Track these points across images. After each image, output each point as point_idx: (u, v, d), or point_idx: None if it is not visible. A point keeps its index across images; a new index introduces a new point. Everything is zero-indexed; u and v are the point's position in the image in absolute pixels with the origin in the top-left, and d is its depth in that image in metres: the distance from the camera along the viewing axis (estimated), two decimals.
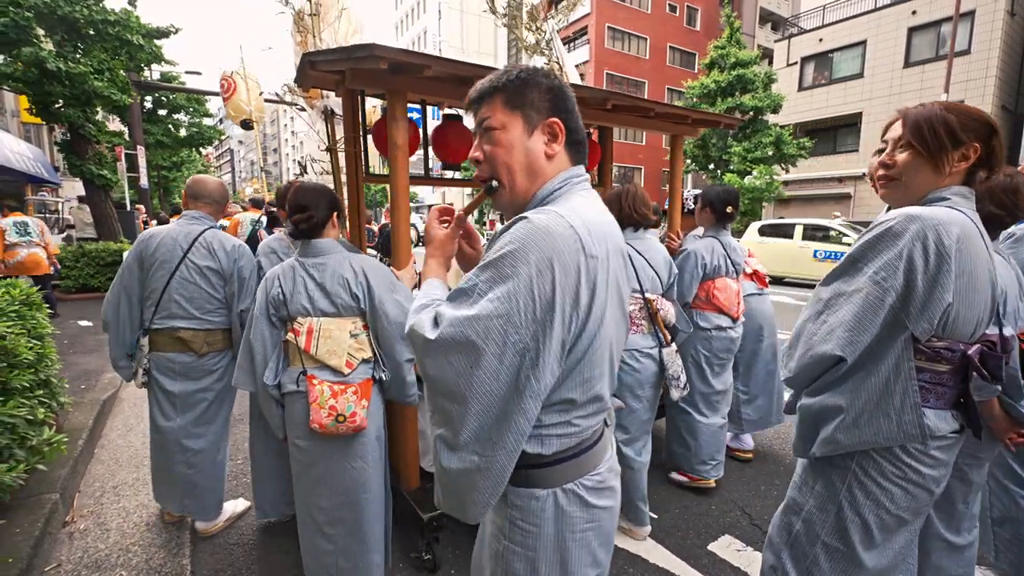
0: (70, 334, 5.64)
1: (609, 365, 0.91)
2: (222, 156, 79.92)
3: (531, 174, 0.91)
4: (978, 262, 1.04)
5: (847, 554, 1.16)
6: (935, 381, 1.09)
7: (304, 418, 1.59)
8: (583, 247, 0.80)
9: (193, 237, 2.13)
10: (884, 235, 1.05)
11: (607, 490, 0.94)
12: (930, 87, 16.88)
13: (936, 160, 1.08)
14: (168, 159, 19.32)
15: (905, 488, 1.10)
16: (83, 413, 3.20)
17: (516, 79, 0.89)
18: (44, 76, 7.07)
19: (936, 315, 1.02)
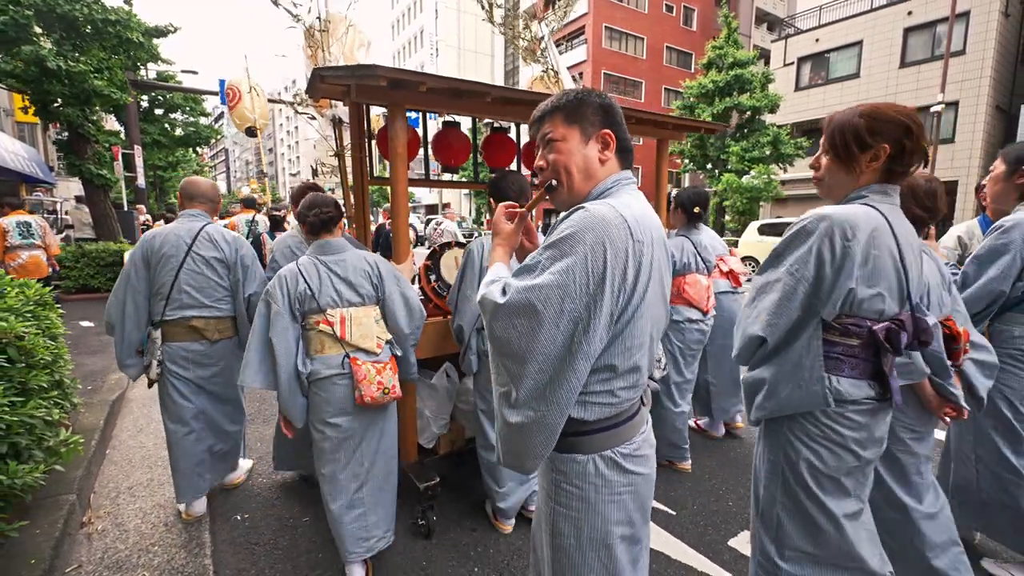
0: (73, 335, 5.59)
1: (649, 340, 1.03)
2: (217, 156, 79.48)
3: (587, 176, 1.06)
4: (883, 252, 1.19)
5: (802, 512, 1.29)
6: (848, 353, 1.24)
7: (347, 396, 1.79)
8: (631, 232, 0.94)
9: (195, 232, 2.26)
10: (799, 233, 1.23)
11: (642, 458, 1.06)
12: (926, 87, 17.00)
13: (847, 164, 1.23)
14: (164, 159, 19.17)
15: (829, 448, 1.25)
16: (93, 414, 3.17)
17: (573, 99, 1.05)
18: (44, 74, 7.01)
19: (839, 299, 1.19)
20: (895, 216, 1.23)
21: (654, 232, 1.00)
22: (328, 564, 1.99)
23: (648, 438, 1.10)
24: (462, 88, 2.03)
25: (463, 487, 2.53)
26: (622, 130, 1.07)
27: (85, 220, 9.67)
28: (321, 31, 2.85)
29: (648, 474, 1.08)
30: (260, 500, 2.45)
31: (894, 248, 1.20)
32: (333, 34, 2.91)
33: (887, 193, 1.23)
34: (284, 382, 1.76)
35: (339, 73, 1.93)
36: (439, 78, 1.96)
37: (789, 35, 21.05)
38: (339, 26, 2.93)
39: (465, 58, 38.46)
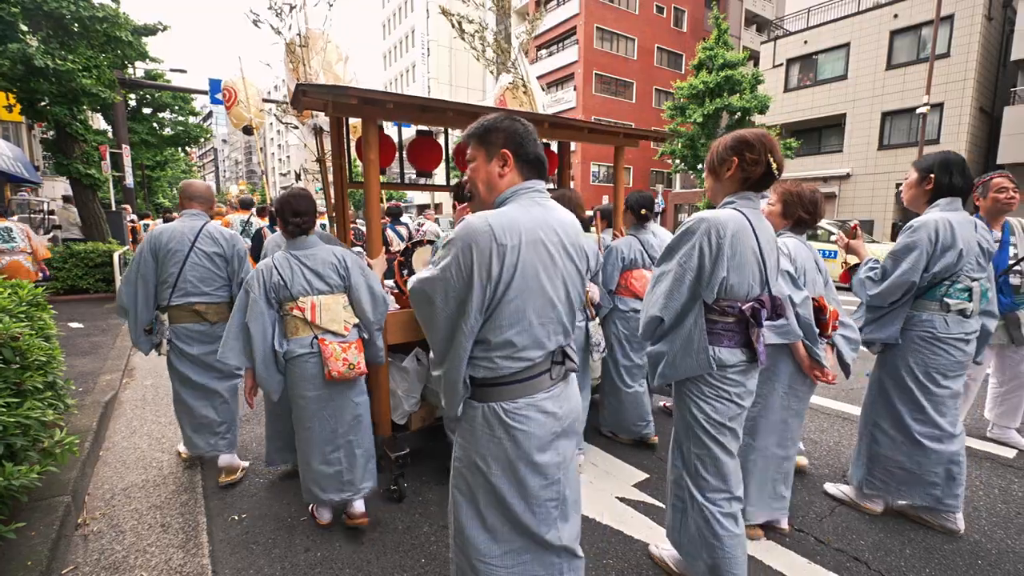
0: (61, 337, 5.49)
1: (528, 323, 1.24)
2: (205, 155, 78.57)
3: (489, 188, 1.33)
4: (746, 248, 1.50)
5: (707, 451, 1.64)
6: (727, 328, 1.57)
7: (318, 372, 2.06)
8: (495, 237, 1.17)
9: (198, 229, 2.62)
10: (686, 231, 1.55)
11: (523, 417, 1.27)
12: (912, 88, 17.27)
13: (716, 176, 1.62)
14: (152, 158, 18.93)
15: (719, 400, 1.59)
16: (86, 416, 3.15)
17: (481, 126, 1.32)
18: (30, 73, 6.91)
19: (716, 285, 1.50)
20: (756, 217, 1.55)
21: (524, 235, 1.21)
22: (328, 563, 2.00)
23: (541, 406, 1.29)
24: (425, 104, 2.36)
25: (432, 458, 2.83)
26: (523, 148, 1.29)
27: (73, 220, 9.55)
28: (301, 46, 3.10)
29: (531, 431, 1.27)
30: (257, 500, 2.45)
31: (754, 243, 1.52)
32: (313, 48, 3.16)
33: (749, 199, 1.57)
34: (259, 360, 2.05)
35: (319, 91, 2.19)
36: (404, 96, 2.29)
37: (778, 37, 21.27)
38: (318, 41, 3.18)
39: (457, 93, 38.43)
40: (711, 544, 1.64)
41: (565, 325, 1.32)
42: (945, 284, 2.10)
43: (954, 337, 2.10)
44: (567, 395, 1.36)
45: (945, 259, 2.04)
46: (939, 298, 2.11)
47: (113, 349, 5.03)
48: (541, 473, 1.30)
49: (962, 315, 2.09)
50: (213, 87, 13.10)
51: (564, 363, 1.35)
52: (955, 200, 2.11)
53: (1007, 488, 2.54)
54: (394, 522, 2.26)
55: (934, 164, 2.11)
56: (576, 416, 1.40)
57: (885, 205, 18.41)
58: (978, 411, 3.32)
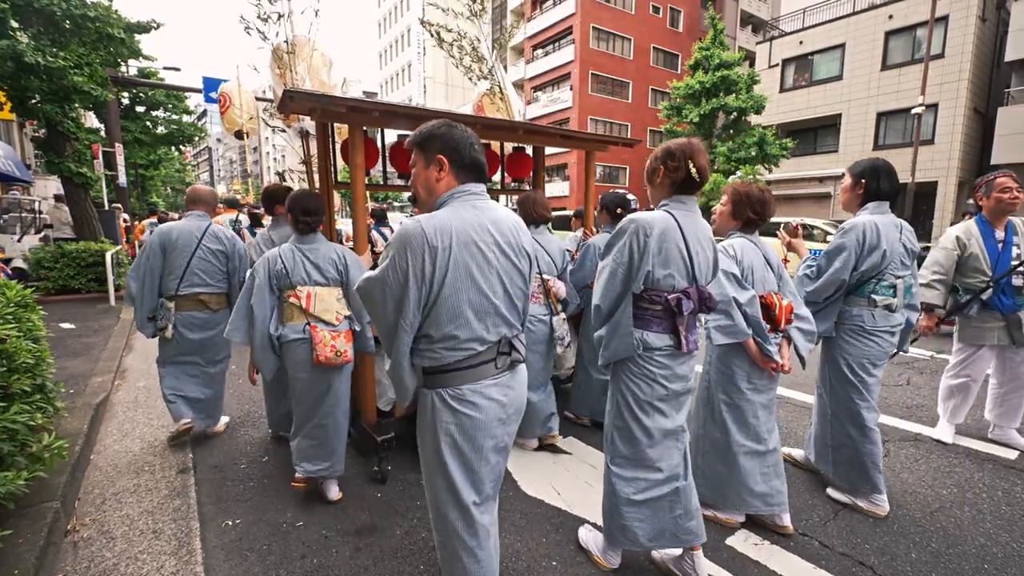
0: (52, 337, 5.38)
1: (465, 318, 1.34)
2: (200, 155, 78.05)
3: (428, 192, 1.42)
4: (671, 245, 1.67)
5: (626, 428, 1.78)
6: (654, 315, 1.73)
7: (307, 357, 2.25)
8: (427, 239, 1.28)
9: (203, 229, 2.99)
10: (619, 231, 1.72)
11: (467, 402, 1.38)
12: (907, 89, 17.34)
13: (651, 182, 1.81)
14: (146, 157, 18.77)
15: (644, 380, 1.75)
16: (77, 418, 3.09)
17: (420, 134, 1.41)
18: (20, 70, 6.80)
19: (642, 277, 1.67)
20: (686, 219, 1.72)
21: (456, 237, 1.30)
22: (324, 571, 1.96)
23: (485, 392, 1.40)
24: (407, 113, 2.52)
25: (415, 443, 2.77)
26: (459, 153, 1.38)
27: (64, 219, 9.43)
28: (288, 53, 3.22)
29: (475, 416, 1.39)
30: (251, 505, 2.40)
31: (680, 242, 1.68)
32: (299, 55, 3.28)
33: (682, 202, 1.75)
34: (258, 340, 2.25)
35: (306, 99, 2.32)
36: (388, 105, 2.44)
37: (774, 37, 21.33)
38: (304, 48, 3.31)
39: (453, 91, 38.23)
40: (612, 505, 1.84)
41: (506, 318, 1.42)
42: (872, 282, 2.27)
43: (880, 329, 2.29)
44: (512, 384, 1.47)
45: (871, 259, 2.23)
46: (867, 294, 2.29)
47: (105, 350, 4.95)
48: (485, 456, 1.44)
49: (887, 310, 2.29)
50: (207, 86, 13.00)
51: (510, 354, 1.46)
52: (883, 204, 2.30)
53: (1010, 490, 2.53)
54: (391, 528, 2.22)
55: (865, 170, 2.29)
56: (520, 405, 1.52)
57: None
58: (978, 412, 3.31)
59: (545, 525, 2.24)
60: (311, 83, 3.31)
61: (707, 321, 2.02)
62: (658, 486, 1.78)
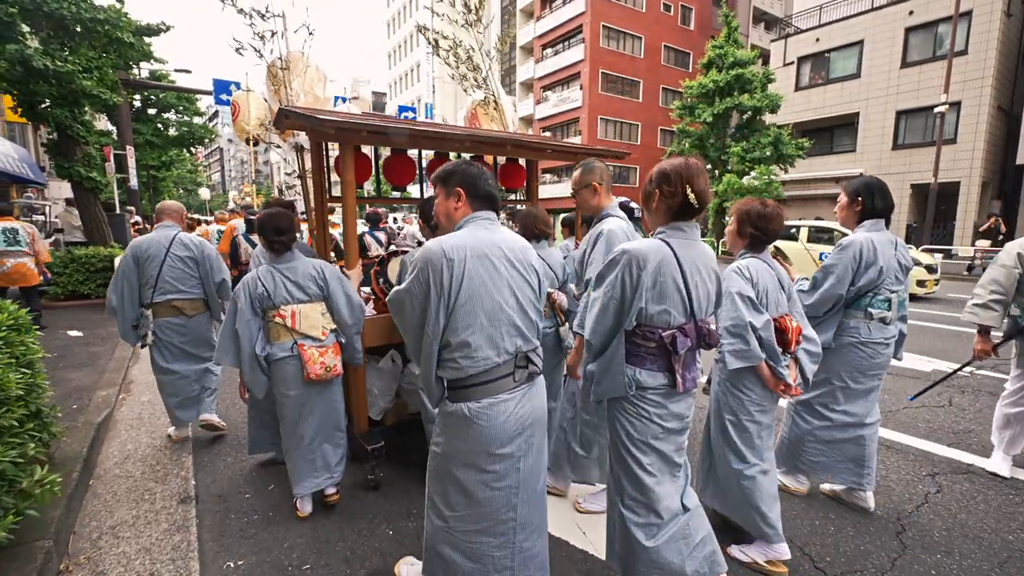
0: (59, 346, 5.37)
1: (480, 323, 1.45)
2: (211, 155, 78.76)
3: (449, 220, 1.61)
4: (667, 279, 1.57)
5: (628, 469, 1.67)
6: (648, 352, 1.63)
7: (298, 374, 2.31)
8: (445, 254, 1.43)
9: (171, 238, 3.14)
10: (611, 262, 1.64)
11: (487, 415, 1.47)
12: (927, 87, 16.91)
13: (648, 207, 1.71)
14: (158, 159, 18.81)
15: (640, 419, 1.65)
16: (76, 440, 2.96)
17: (443, 171, 1.61)
18: (29, 74, 6.76)
19: (635, 313, 1.59)
20: (684, 248, 1.61)
21: (469, 251, 1.45)
22: None
23: (503, 406, 1.48)
24: (397, 130, 2.54)
25: (405, 451, 2.98)
26: (475, 187, 1.57)
27: (75, 223, 9.42)
28: (283, 69, 3.27)
29: (492, 428, 1.47)
30: (255, 543, 2.24)
31: (677, 275, 1.58)
32: (294, 71, 3.32)
33: (681, 229, 1.64)
34: (246, 361, 2.29)
35: (299, 118, 2.41)
36: (375, 124, 2.46)
37: (789, 35, 20.92)
38: (298, 64, 3.35)
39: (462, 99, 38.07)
40: (628, 550, 1.71)
41: (520, 328, 1.52)
42: (868, 296, 2.34)
43: (876, 341, 2.36)
44: (530, 396, 1.55)
45: (868, 274, 2.30)
46: (863, 308, 2.36)
47: (111, 360, 4.85)
48: (500, 465, 1.50)
49: (883, 322, 2.36)
50: (217, 87, 12.98)
51: (527, 367, 1.54)
52: (879, 221, 2.37)
53: None
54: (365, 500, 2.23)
55: (860, 188, 2.36)
56: (540, 416, 1.59)
57: (899, 206, 18.02)
58: None
59: (570, 570, 2.06)
60: (305, 99, 3.35)
61: (721, 345, 1.96)
62: (673, 521, 1.68)
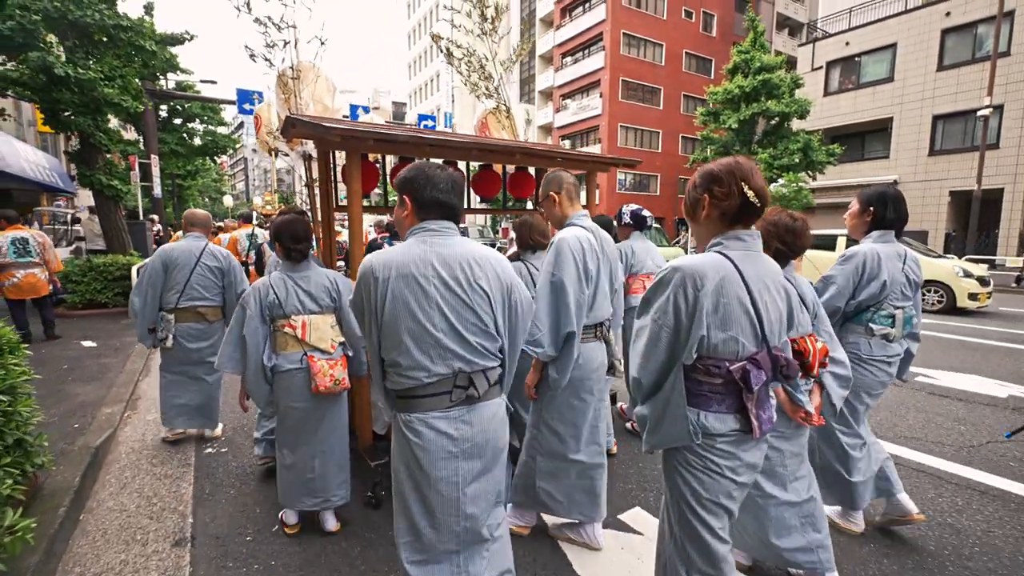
0: (71, 357, 5.23)
1: (404, 346, 1.41)
2: (236, 164, 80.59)
3: (400, 228, 1.57)
4: (731, 299, 1.29)
5: (697, 536, 1.38)
6: (714, 391, 1.34)
7: (304, 386, 2.22)
8: (373, 271, 1.43)
9: (201, 249, 3.32)
10: (659, 283, 1.36)
11: (415, 431, 1.43)
12: (966, 90, 16.20)
13: (694, 217, 1.44)
14: (183, 168, 19.09)
15: (708, 475, 1.36)
16: (70, 467, 2.73)
17: (397, 180, 1.53)
18: (52, 82, 6.74)
19: (695, 344, 1.30)
20: (747, 262, 1.34)
21: (395, 270, 1.40)
22: None
23: (432, 424, 1.42)
24: (403, 138, 2.51)
25: None
26: (420, 193, 1.47)
27: (97, 231, 9.43)
28: (293, 79, 3.30)
29: (423, 444, 1.42)
30: None
31: (743, 294, 1.31)
32: (304, 80, 3.35)
33: (741, 239, 1.36)
34: (251, 369, 2.21)
35: (306, 127, 2.40)
36: (382, 132, 2.45)
37: (817, 39, 20.35)
38: (308, 74, 3.39)
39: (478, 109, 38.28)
40: None
41: (455, 351, 1.42)
42: (870, 311, 2.23)
43: (876, 359, 2.24)
44: (469, 419, 1.45)
45: (870, 288, 2.19)
46: (864, 323, 2.25)
47: (121, 374, 4.67)
48: (436, 488, 1.43)
49: (885, 339, 2.23)
50: (240, 97, 13.05)
51: (467, 389, 1.44)
52: (888, 233, 2.26)
53: None
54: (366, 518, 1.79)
55: (874, 197, 2.25)
56: (482, 441, 1.46)
57: (937, 214, 17.25)
58: None
59: None
60: (314, 108, 3.36)
61: None
62: None
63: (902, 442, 3.34)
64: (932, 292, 8.53)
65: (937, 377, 4.82)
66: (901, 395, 4.30)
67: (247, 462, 3.08)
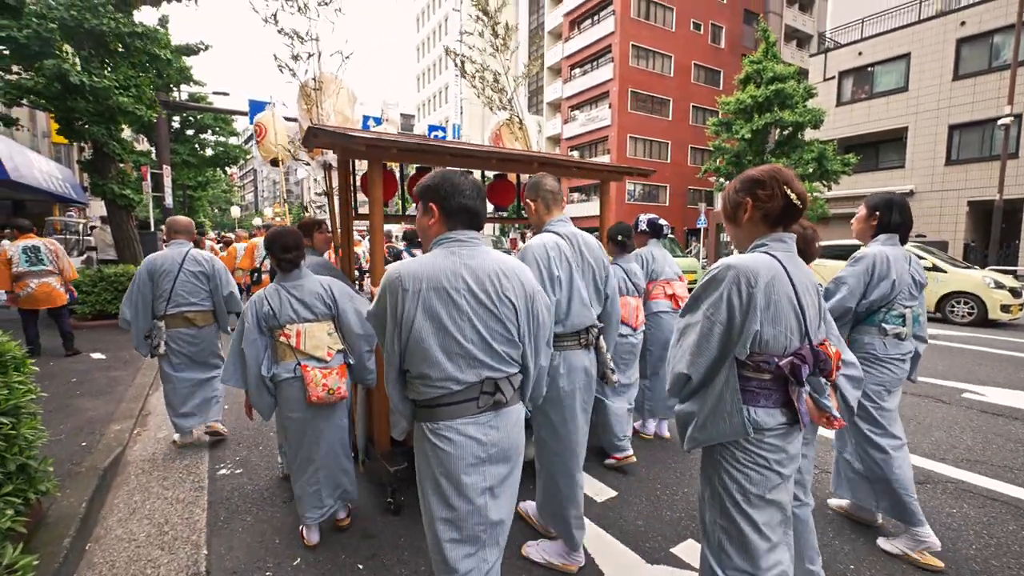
0: (80, 370, 5.09)
1: (435, 359, 1.39)
2: (246, 176, 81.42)
3: (424, 236, 1.56)
4: (781, 297, 1.35)
5: (739, 532, 1.40)
6: (762, 386, 1.38)
7: (300, 396, 2.20)
8: (402, 282, 1.39)
9: (183, 254, 3.34)
10: (712, 280, 1.40)
11: (445, 439, 1.42)
12: (983, 99, 15.99)
13: (733, 220, 1.49)
14: (194, 178, 19.16)
15: (755, 468, 1.39)
16: (76, 491, 2.55)
17: (421, 185, 1.53)
18: (67, 91, 6.70)
19: (749, 339, 1.35)
20: (791, 262, 1.40)
21: (426, 281, 1.38)
22: None
23: (462, 430, 1.42)
24: (425, 148, 2.50)
25: None
26: (447, 201, 1.46)
27: (109, 242, 9.37)
28: (315, 90, 3.35)
29: (452, 452, 1.41)
30: None
31: (791, 292, 1.37)
32: (325, 92, 3.40)
33: (783, 240, 1.42)
34: (252, 381, 2.22)
35: (329, 136, 2.42)
36: (405, 142, 2.45)
37: (829, 49, 20.24)
38: (330, 85, 3.44)
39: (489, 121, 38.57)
40: None
41: (484, 361, 1.42)
42: (882, 311, 2.29)
43: (893, 357, 2.30)
44: (497, 424, 1.45)
45: (880, 288, 2.24)
46: (877, 323, 2.31)
47: (131, 388, 4.51)
48: (464, 494, 1.42)
49: (897, 338, 2.29)
50: (253, 108, 13.07)
51: (494, 395, 1.45)
52: (893, 236, 2.32)
53: None
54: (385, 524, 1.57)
55: (880, 203, 2.33)
56: (508, 446, 1.47)
57: (956, 224, 16.94)
58: None
59: None
60: (335, 119, 3.44)
61: None
62: None
63: (966, 466, 3.10)
64: (963, 304, 8.25)
65: (985, 394, 4.57)
66: (951, 413, 4.05)
67: (263, 485, 2.89)
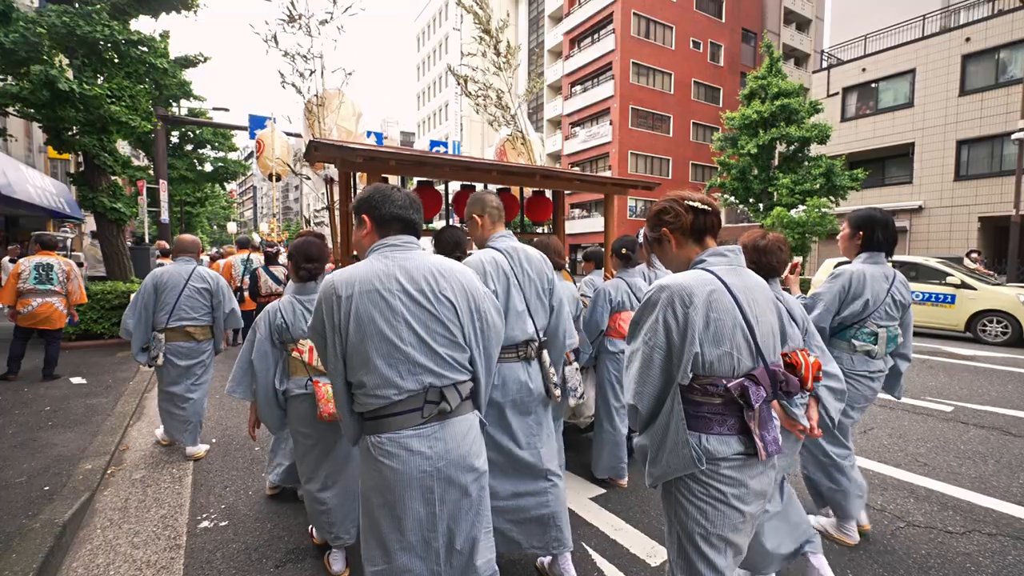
0: (55, 396, 4.63)
1: (372, 364, 1.34)
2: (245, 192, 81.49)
3: (360, 248, 1.54)
4: (723, 314, 1.27)
5: (692, 570, 1.32)
6: (714, 411, 1.29)
7: (310, 412, 2.16)
8: (335, 290, 1.36)
9: (190, 271, 3.48)
10: (647, 303, 1.33)
11: (388, 453, 1.35)
12: (991, 115, 15.88)
13: (666, 255, 1.46)
14: (192, 194, 18.85)
15: (712, 504, 1.29)
16: (25, 555, 2.10)
17: (355, 202, 1.53)
18: (56, 98, 6.36)
19: (689, 363, 1.25)
20: (735, 275, 1.33)
21: (358, 287, 1.35)
22: None
23: (405, 443, 1.34)
24: (423, 160, 2.52)
25: None
26: (378, 211, 1.46)
27: (99, 257, 8.99)
28: (318, 106, 3.45)
29: (395, 467, 1.33)
30: None
31: (734, 308, 1.28)
32: (328, 107, 3.49)
33: (723, 254, 1.36)
34: (262, 395, 2.18)
35: (328, 149, 2.50)
36: (403, 154, 2.50)
37: (832, 65, 20.25)
38: (333, 101, 3.53)
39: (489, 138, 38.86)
40: None
41: (426, 366, 1.36)
42: (853, 328, 2.32)
43: (859, 373, 2.31)
44: (443, 436, 1.38)
45: (853, 306, 2.28)
46: (848, 339, 2.33)
47: (110, 417, 4.07)
48: (412, 510, 1.35)
49: (867, 355, 2.31)
50: (252, 123, 12.82)
51: (439, 403, 1.38)
52: (877, 254, 2.34)
53: None
54: None
55: (861, 220, 2.34)
56: (456, 459, 1.38)
57: (966, 240, 16.67)
58: None
59: None
60: (338, 133, 3.44)
61: None
62: None
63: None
64: (995, 323, 7.86)
65: None
66: (1005, 443, 3.63)
67: (252, 542, 2.44)
